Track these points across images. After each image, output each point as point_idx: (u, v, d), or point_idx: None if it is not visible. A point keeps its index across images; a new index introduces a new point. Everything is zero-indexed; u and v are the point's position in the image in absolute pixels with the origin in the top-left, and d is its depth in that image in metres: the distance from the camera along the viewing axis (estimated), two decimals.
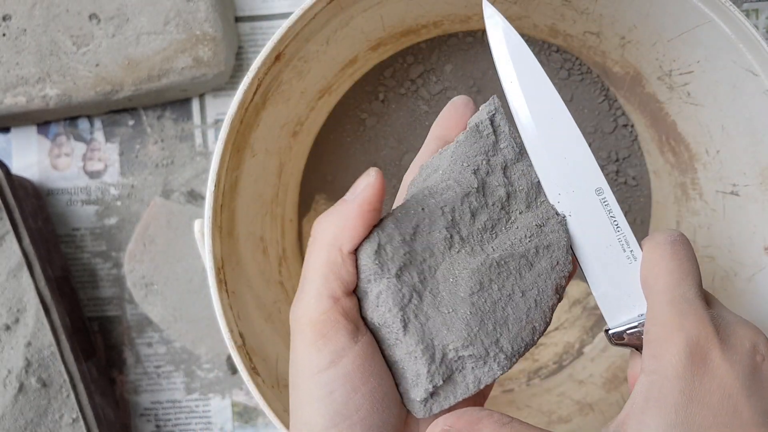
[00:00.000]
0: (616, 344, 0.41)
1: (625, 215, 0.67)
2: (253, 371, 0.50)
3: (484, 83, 0.67)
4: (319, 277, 0.37)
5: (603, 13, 0.57)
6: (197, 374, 0.72)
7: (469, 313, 0.37)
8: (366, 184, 0.37)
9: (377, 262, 0.37)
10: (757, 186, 0.54)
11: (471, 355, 0.37)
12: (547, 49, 0.67)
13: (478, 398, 0.41)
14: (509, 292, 0.38)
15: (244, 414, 0.72)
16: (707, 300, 0.38)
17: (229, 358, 0.70)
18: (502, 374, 0.38)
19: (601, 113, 0.67)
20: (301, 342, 0.37)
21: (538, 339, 0.39)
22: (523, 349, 0.39)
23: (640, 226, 0.69)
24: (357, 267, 0.38)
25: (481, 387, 0.38)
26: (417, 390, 0.37)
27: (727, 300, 0.58)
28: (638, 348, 0.39)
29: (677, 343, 0.35)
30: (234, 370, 0.71)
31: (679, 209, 0.65)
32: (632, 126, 0.67)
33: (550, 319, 0.39)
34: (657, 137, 0.65)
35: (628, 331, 0.40)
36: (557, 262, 0.39)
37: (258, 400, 0.49)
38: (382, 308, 0.37)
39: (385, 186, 0.37)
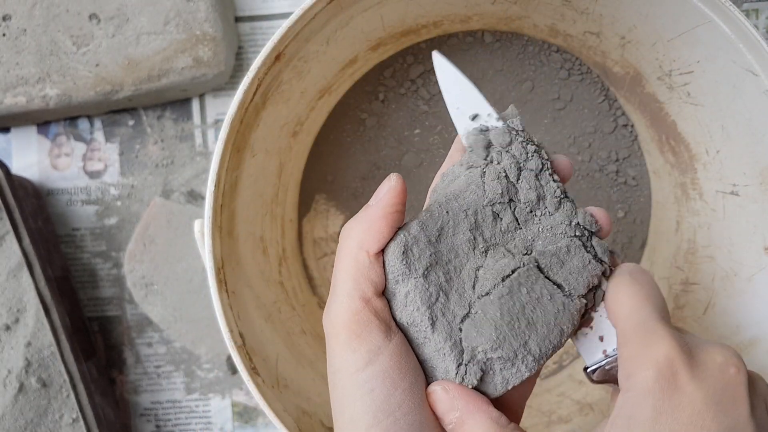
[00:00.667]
0: (596, 382, 0.41)
1: (625, 215, 0.67)
2: (253, 371, 0.50)
3: (484, 83, 0.67)
4: (349, 279, 0.38)
5: (603, 13, 0.58)
6: (197, 374, 0.72)
7: (498, 315, 0.38)
8: (388, 188, 0.39)
9: (404, 263, 0.38)
10: (757, 186, 0.54)
11: (500, 357, 0.38)
12: (547, 49, 0.67)
13: (518, 398, 0.42)
14: (538, 295, 0.39)
15: (244, 414, 0.72)
16: (676, 326, 0.39)
17: (229, 358, 0.70)
18: (529, 375, 0.39)
19: (601, 113, 0.67)
20: (337, 344, 0.37)
21: (565, 341, 0.40)
22: (550, 351, 0.39)
23: (640, 226, 0.69)
24: (384, 269, 0.38)
25: (509, 388, 0.38)
26: None
27: (727, 300, 0.58)
28: (617, 383, 0.39)
29: (647, 360, 0.36)
30: (234, 370, 0.71)
31: (679, 209, 0.65)
32: (632, 126, 0.67)
33: (578, 320, 0.40)
34: (657, 137, 0.65)
35: (605, 367, 0.40)
36: (589, 261, 0.40)
37: (258, 400, 0.49)
38: (410, 307, 0.38)
39: (406, 189, 0.39)
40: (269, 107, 0.55)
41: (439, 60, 0.43)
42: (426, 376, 0.39)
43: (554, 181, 0.41)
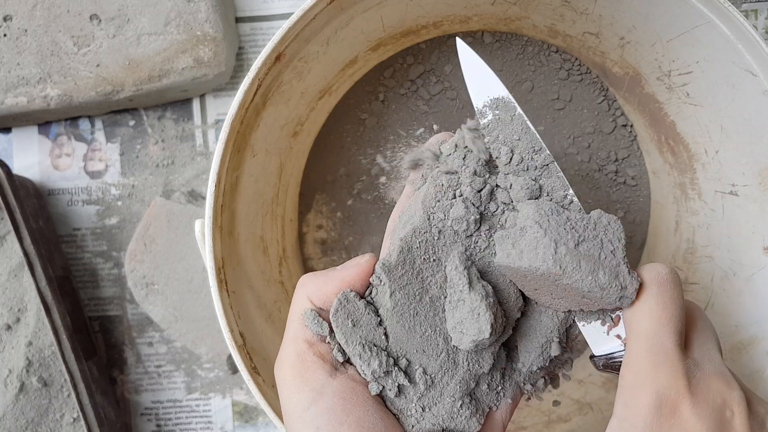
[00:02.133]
0: (602, 370, 0.41)
1: (624, 215, 0.67)
2: (254, 371, 0.50)
3: None
4: (295, 324, 0.40)
5: (602, 14, 0.58)
6: (198, 374, 0.72)
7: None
8: (357, 265, 0.40)
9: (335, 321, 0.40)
10: (756, 186, 0.55)
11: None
12: (546, 50, 0.67)
13: None
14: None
15: (245, 413, 0.72)
16: (688, 344, 0.38)
17: (229, 358, 0.70)
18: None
19: (601, 113, 0.67)
20: (284, 386, 0.38)
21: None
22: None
23: (639, 226, 0.69)
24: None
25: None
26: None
27: (726, 299, 0.58)
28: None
29: (648, 394, 0.35)
30: (234, 370, 0.71)
31: (678, 209, 0.65)
32: (631, 126, 0.67)
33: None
34: (656, 137, 0.65)
35: (615, 356, 0.40)
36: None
37: (259, 399, 0.49)
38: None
39: (371, 272, 0.40)
40: (269, 107, 0.55)
41: (462, 47, 0.44)
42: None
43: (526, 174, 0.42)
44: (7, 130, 0.72)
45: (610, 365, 0.41)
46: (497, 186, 0.41)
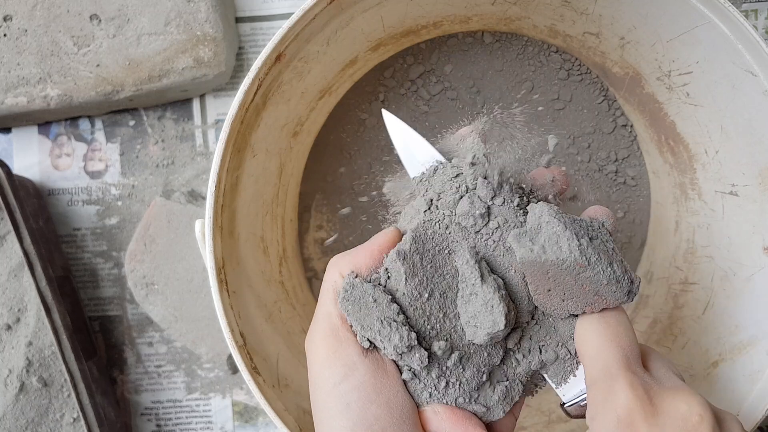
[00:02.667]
0: (573, 417, 0.42)
1: (624, 215, 0.67)
2: (254, 371, 0.50)
3: (484, 83, 0.67)
4: (329, 300, 0.40)
5: (602, 14, 0.58)
6: (198, 374, 0.72)
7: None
8: (384, 234, 0.41)
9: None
10: (756, 186, 0.55)
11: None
12: (546, 50, 0.67)
13: None
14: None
15: (245, 413, 0.72)
16: (645, 359, 0.39)
17: (229, 358, 0.70)
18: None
19: (601, 113, 0.67)
20: (316, 360, 0.39)
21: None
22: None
23: (639, 226, 0.69)
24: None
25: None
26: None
27: (725, 300, 0.58)
28: None
29: (608, 411, 0.36)
30: (234, 370, 0.71)
31: (678, 209, 0.65)
32: (631, 126, 0.67)
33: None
34: (656, 137, 0.65)
35: (581, 403, 0.41)
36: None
37: (259, 399, 0.49)
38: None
39: (397, 240, 0.41)
40: (270, 108, 0.55)
41: (389, 117, 0.45)
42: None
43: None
44: (7, 130, 0.72)
45: (582, 410, 0.41)
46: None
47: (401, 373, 0.39)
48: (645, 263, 0.69)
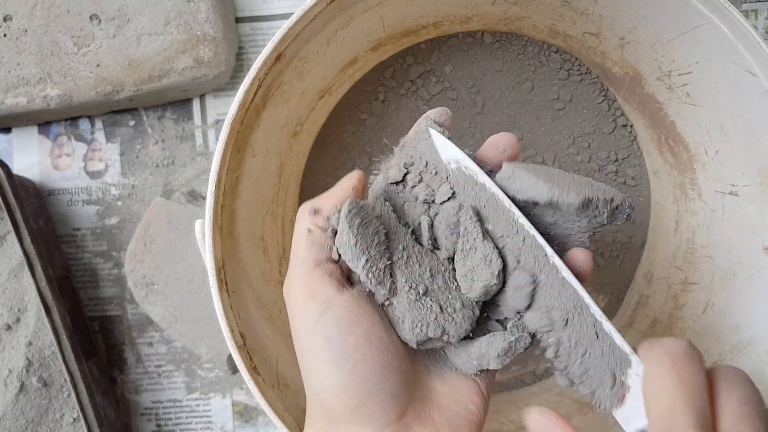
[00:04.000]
0: None
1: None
2: (254, 371, 0.50)
3: (484, 83, 0.67)
4: (302, 247, 0.41)
5: (602, 14, 0.58)
6: (198, 374, 0.72)
7: None
8: (349, 177, 0.42)
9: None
10: (756, 186, 0.55)
11: None
12: (546, 50, 0.67)
13: None
14: None
15: (245, 413, 0.72)
16: (714, 411, 0.35)
17: (229, 358, 0.70)
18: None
19: (601, 113, 0.67)
20: (295, 303, 0.40)
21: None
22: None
23: (640, 226, 0.69)
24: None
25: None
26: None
27: (725, 300, 0.58)
28: None
29: None
30: (234, 370, 0.71)
31: (678, 209, 0.65)
32: (631, 126, 0.67)
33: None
34: (656, 137, 0.65)
35: None
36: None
37: (258, 399, 0.49)
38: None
39: (365, 184, 0.42)
40: (270, 108, 0.55)
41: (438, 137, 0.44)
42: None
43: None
44: (7, 130, 0.72)
45: None
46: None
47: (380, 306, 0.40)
48: (645, 263, 0.69)
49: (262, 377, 0.51)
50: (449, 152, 0.43)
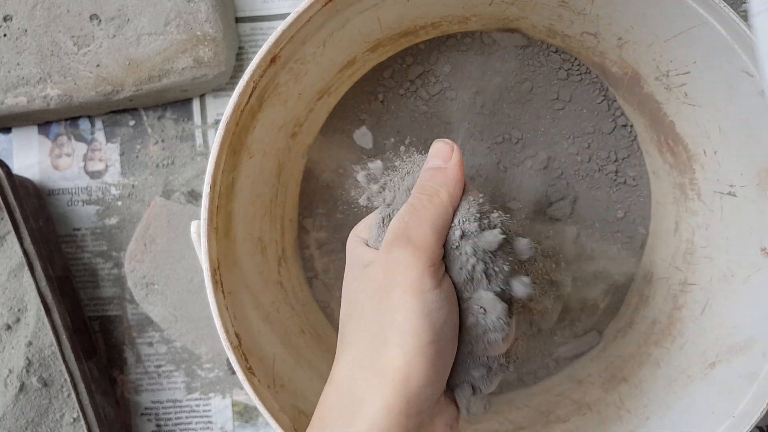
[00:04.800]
0: None
1: (625, 215, 0.67)
2: (249, 371, 0.50)
3: (483, 84, 0.67)
4: (440, 221, 0.44)
5: (600, 14, 0.57)
6: (198, 374, 0.72)
7: None
8: (453, 150, 0.48)
9: None
10: (754, 187, 0.54)
11: None
12: (545, 50, 0.67)
13: None
14: None
15: (245, 413, 0.72)
16: None
17: None
18: None
19: (600, 113, 0.67)
20: (417, 264, 0.42)
21: None
22: None
23: (639, 227, 0.69)
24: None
25: None
26: None
27: (724, 301, 0.58)
28: None
29: None
30: (234, 370, 0.71)
31: (678, 209, 0.65)
32: (631, 126, 0.67)
33: None
34: (656, 137, 0.65)
35: None
36: None
37: (254, 399, 0.49)
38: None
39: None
40: (266, 109, 0.55)
41: None
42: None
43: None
44: (7, 130, 0.73)
45: None
46: None
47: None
48: (645, 263, 0.69)
49: (258, 378, 0.51)
50: None
